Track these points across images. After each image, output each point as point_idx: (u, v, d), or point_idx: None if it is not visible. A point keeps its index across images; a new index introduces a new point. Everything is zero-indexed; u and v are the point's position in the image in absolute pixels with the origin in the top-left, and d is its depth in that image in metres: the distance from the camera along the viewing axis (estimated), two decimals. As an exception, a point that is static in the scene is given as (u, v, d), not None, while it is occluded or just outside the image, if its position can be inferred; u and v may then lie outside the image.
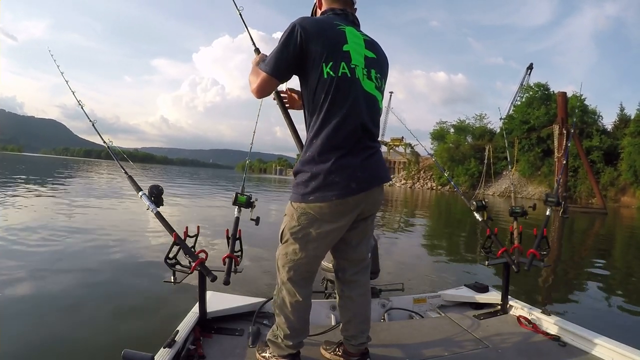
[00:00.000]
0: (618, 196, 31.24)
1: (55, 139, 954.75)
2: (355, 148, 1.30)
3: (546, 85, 42.24)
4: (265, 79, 1.34)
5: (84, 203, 8.86)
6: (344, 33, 1.34)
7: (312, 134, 1.32)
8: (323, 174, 1.27)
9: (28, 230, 5.22)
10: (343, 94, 1.29)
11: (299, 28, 1.28)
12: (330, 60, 1.28)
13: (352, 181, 1.28)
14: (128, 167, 1.94)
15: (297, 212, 1.33)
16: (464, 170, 44.47)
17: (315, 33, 1.28)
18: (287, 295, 1.42)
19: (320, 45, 1.28)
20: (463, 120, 51.93)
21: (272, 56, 1.32)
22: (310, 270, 1.44)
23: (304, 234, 1.34)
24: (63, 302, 2.87)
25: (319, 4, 1.50)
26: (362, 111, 1.33)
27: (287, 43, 1.29)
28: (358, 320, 1.54)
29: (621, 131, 33.77)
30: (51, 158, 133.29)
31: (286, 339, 1.45)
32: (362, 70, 1.35)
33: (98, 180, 19.50)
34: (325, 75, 1.28)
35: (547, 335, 1.86)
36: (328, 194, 1.27)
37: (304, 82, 1.35)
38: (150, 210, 1.69)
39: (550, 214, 2.32)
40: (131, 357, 1.24)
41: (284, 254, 1.40)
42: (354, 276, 1.53)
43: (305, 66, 1.31)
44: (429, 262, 5.18)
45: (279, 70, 1.32)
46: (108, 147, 1.92)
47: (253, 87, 1.38)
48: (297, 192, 1.33)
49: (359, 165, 1.30)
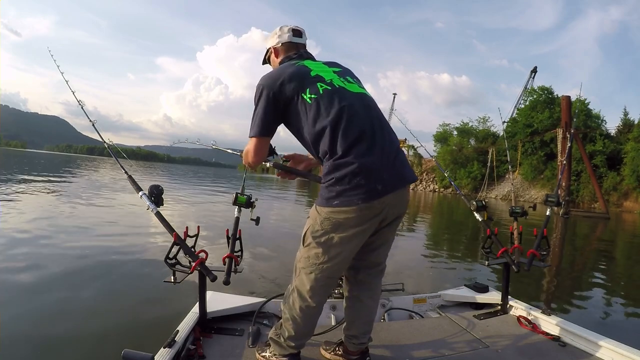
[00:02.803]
0: (620, 201, 31.05)
1: (59, 135, 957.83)
2: (374, 147, 1.30)
3: (550, 88, 42.05)
4: (256, 142, 1.42)
5: (85, 202, 8.89)
6: (304, 66, 1.44)
7: (327, 149, 1.31)
8: (348, 177, 1.25)
9: (28, 230, 5.25)
10: (335, 103, 1.32)
11: (265, 84, 1.38)
12: (306, 87, 1.36)
13: (378, 183, 1.27)
14: (128, 165, 1.95)
15: (321, 217, 1.33)
16: (467, 173, 44.31)
17: (281, 79, 1.36)
18: (299, 299, 1.41)
19: (291, 85, 1.35)
20: (466, 122, 51.76)
21: (254, 121, 1.40)
22: (331, 277, 1.42)
23: (327, 239, 1.33)
24: (63, 302, 2.88)
25: (275, 53, 1.61)
26: (360, 110, 1.35)
27: (261, 103, 1.38)
28: (362, 322, 1.55)
29: (624, 136, 33.56)
30: (56, 155, 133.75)
31: (289, 339, 1.45)
32: (338, 79, 1.42)
33: (101, 178, 19.55)
34: (309, 100, 1.34)
35: (547, 336, 1.86)
36: (354, 198, 1.26)
37: (293, 121, 1.41)
38: (150, 210, 1.70)
39: (550, 214, 2.32)
40: (131, 357, 1.24)
41: (306, 257, 1.39)
42: (366, 277, 1.54)
43: (288, 109, 1.38)
44: (429, 262, 5.18)
45: (265, 127, 1.40)
46: (107, 146, 1.93)
47: (249, 157, 1.46)
48: (322, 197, 1.32)
49: (384, 165, 1.30)
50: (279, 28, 1.62)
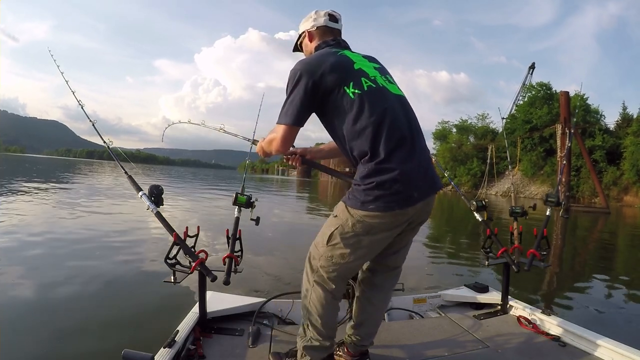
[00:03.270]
0: (620, 195, 31.08)
1: (58, 140, 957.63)
2: (413, 154, 1.28)
3: (549, 84, 42.06)
4: (287, 130, 1.34)
5: (85, 203, 8.89)
6: (346, 56, 1.37)
7: (367, 150, 1.26)
8: (389, 182, 1.22)
9: (29, 230, 5.25)
10: (378, 104, 1.29)
11: (305, 71, 1.29)
12: (349, 81, 1.28)
13: (415, 190, 1.26)
14: (128, 167, 1.95)
15: (353, 219, 1.28)
16: (466, 170, 44.34)
17: (322, 68, 1.28)
18: (323, 297, 1.38)
19: (333, 76, 1.28)
20: (465, 119, 51.82)
21: (287, 108, 1.32)
22: (352, 273, 1.43)
23: (356, 241, 1.30)
24: (63, 302, 2.89)
25: (309, 38, 1.53)
26: (400, 114, 1.33)
27: (298, 90, 1.29)
28: (370, 324, 1.54)
29: (624, 130, 33.58)
30: (55, 159, 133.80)
31: (323, 338, 1.40)
32: (381, 77, 1.37)
33: (101, 181, 19.55)
34: (352, 95, 1.27)
35: (547, 336, 1.85)
36: (391, 204, 1.23)
37: (329, 114, 1.34)
38: (150, 211, 1.70)
39: (551, 214, 2.32)
40: (131, 357, 1.24)
41: (329, 257, 1.35)
42: (382, 281, 1.53)
43: (326, 100, 1.30)
44: (429, 262, 5.17)
45: (299, 116, 1.31)
46: (108, 147, 1.93)
47: (274, 145, 1.40)
48: (357, 198, 1.27)
49: (420, 173, 1.28)
50: (314, 12, 1.55)
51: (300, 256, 5.02)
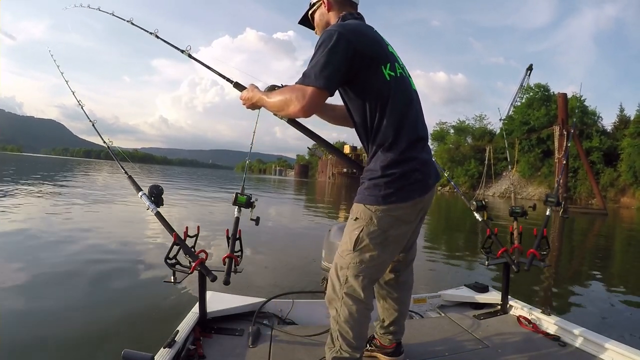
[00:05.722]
0: (618, 197, 31.21)
1: (55, 139, 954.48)
2: (426, 145, 1.33)
3: (546, 86, 42.27)
4: (316, 93, 1.16)
5: (85, 202, 8.86)
6: (380, 35, 1.32)
7: (391, 138, 1.23)
8: (410, 172, 1.23)
9: (29, 230, 5.22)
10: (406, 93, 1.29)
11: (346, 33, 1.18)
12: (386, 62, 1.25)
13: (430, 178, 1.29)
14: (128, 167, 1.94)
15: (377, 215, 1.23)
16: (464, 171, 44.46)
17: (364, 38, 1.23)
18: (356, 306, 1.30)
19: (372, 50, 1.23)
20: (463, 121, 52.00)
21: (321, 68, 1.15)
22: (380, 275, 1.44)
23: (384, 238, 1.26)
24: (63, 303, 2.87)
25: (328, 6, 1.38)
26: (418, 107, 1.35)
27: (335, 52, 1.16)
28: (402, 318, 1.57)
29: (621, 132, 33.74)
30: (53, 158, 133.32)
31: (352, 350, 1.33)
32: (405, 69, 1.36)
33: (100, 180, 19.48)
34: (387, 77, 1.23)
35: (547, 335, 1.86)
36: (412, 194, 1.24)
37: (359, 90, 1.25)
38: (150, 210, 1.70)
39: (550, 214, 2.32)
40: (131, 357, 1.23)
41: (358, 262, 1.27)
42: (406, 277, 1.55)
43: (359, 74, 1.21)
44: (429, 262, 5.17)
45: (332, 81, 1.17)
46: (108, 147, 1.92)
47: (295, 107, 1.18)
48: (375, 194, 1.23)
49: (430, 161, 1.33)
50: None
51: (300, 256, 5.03)
